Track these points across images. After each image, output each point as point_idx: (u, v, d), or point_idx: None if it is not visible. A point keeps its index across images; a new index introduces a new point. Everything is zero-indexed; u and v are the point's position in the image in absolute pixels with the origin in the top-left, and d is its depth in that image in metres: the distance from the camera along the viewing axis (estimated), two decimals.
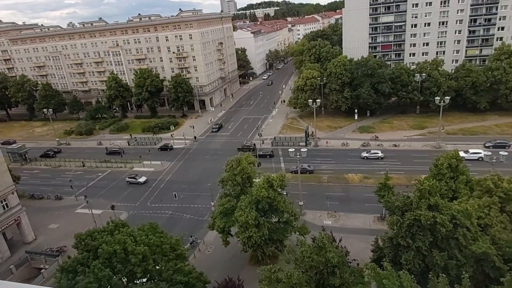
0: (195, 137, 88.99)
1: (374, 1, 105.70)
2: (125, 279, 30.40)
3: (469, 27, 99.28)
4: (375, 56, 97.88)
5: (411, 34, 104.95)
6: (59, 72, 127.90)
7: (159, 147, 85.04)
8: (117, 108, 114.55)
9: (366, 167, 63.77)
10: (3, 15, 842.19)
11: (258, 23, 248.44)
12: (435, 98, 70.91)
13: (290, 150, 52.48)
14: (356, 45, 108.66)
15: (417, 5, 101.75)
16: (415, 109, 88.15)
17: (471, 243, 26.90)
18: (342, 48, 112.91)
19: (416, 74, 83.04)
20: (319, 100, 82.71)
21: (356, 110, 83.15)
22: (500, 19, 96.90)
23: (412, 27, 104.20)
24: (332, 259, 25.59)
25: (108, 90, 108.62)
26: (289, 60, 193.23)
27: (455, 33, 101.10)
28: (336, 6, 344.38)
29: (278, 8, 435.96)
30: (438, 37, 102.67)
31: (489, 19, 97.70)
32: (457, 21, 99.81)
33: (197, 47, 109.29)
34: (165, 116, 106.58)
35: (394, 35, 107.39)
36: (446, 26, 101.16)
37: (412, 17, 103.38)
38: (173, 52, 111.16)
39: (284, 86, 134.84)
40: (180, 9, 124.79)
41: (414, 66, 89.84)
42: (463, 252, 27.09)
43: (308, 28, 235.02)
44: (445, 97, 69.61)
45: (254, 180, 40.86)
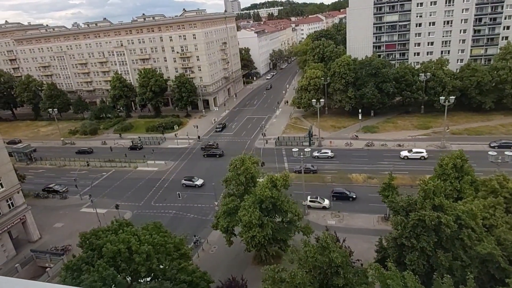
0: (199, 137, 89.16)
1: (378, 1, 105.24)
2: (129, 278, 30.58)
3: (474, 26, 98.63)
4: (379, 56, 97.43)
5: (416, 34, 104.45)
6: (64, 72, 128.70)
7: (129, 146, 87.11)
8: (121, 108, 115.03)
9: (370, 167, 63.58)
10: (9, 15, 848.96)
11: (262, 22, 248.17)
12: (440, 97, 70.40)
13: (293, 150, 52.43)
14: (360, 44, 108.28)
15: (421, 4, 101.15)
16: (419, 109, 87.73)
17: (476, 243, 26.77)
18: (346, 48, 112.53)
19: (420, 74, 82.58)
20: (323, 100, 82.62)
21: (360, 110, 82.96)
22: (505, 18, 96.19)
23: (416, 26, 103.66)
24: (336, 259, 25.53)
25: (113, 90, 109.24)
26: (292, 59, 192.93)
27: (460, 33, 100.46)
28: (340, 6, 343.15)
29: (282, 7, 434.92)
30: (443, 37, 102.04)
31: (495, 18, 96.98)
32: (462, 20, 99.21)
33: (201, 47, 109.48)
34: (169, 115, 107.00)
35: (398, 34, 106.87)
36: (451, 26, 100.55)
37: (417, 16, 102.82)
38: (177, 52, 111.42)
39: (287, 86, 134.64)
40: (184, 9, 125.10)
41: (419, 66, 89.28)
42: (468, 252, 26.95)
43: (312, 28, 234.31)
44: (450, 97, 69.03)
45: (257, 179, 40.91)
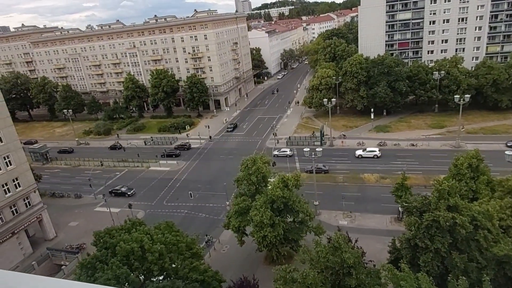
0: (210, 137, 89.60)
1: None
2: (142, 277, 30.95)
3: (490, 23, 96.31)
4: (392, 54, 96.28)
5: (429, 31, 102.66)
6: (78, 73, 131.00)
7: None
8: (134, 109, 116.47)
9: (383, 167, 62.85)
10: (25, 18, 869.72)
11: (273, 22, 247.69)
12: (455, 96, 69.08)
13: (305, 149, 52.07)
14: (372, 43, 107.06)
15: (435, 1, 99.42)
16: (433, 107, 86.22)
17: (492, 245, 26.19)
18: (357, 47, 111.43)
19: (434, 72, 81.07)
20: (335, 99, 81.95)
21: (372, 109, 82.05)
22: None
23: (430, 24, 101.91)
24: (348, 260, 25.31)
25: (125, 90, 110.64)
26: (304, 59, 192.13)
27: (475, 30, 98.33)
28: (351, 4, 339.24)
29: (293, 7, 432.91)
30: (458, 34, 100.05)
31: (511, 15, 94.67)
32: (477, 17, 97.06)
33: (212, 47, 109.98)
34: (181, 116, 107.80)
35: (411, 32, 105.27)
36: (465, 23, 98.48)
37: (430, 14, 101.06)
38: (189, 53, 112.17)
39: (298, 86, 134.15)
40: (195, 10, 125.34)
41: (433, 64, 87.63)
42: (484, 254, 26.38)
43: (323, 27, 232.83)
44: (465, 95, 67.70)
45: (269, 179, 40.89)
